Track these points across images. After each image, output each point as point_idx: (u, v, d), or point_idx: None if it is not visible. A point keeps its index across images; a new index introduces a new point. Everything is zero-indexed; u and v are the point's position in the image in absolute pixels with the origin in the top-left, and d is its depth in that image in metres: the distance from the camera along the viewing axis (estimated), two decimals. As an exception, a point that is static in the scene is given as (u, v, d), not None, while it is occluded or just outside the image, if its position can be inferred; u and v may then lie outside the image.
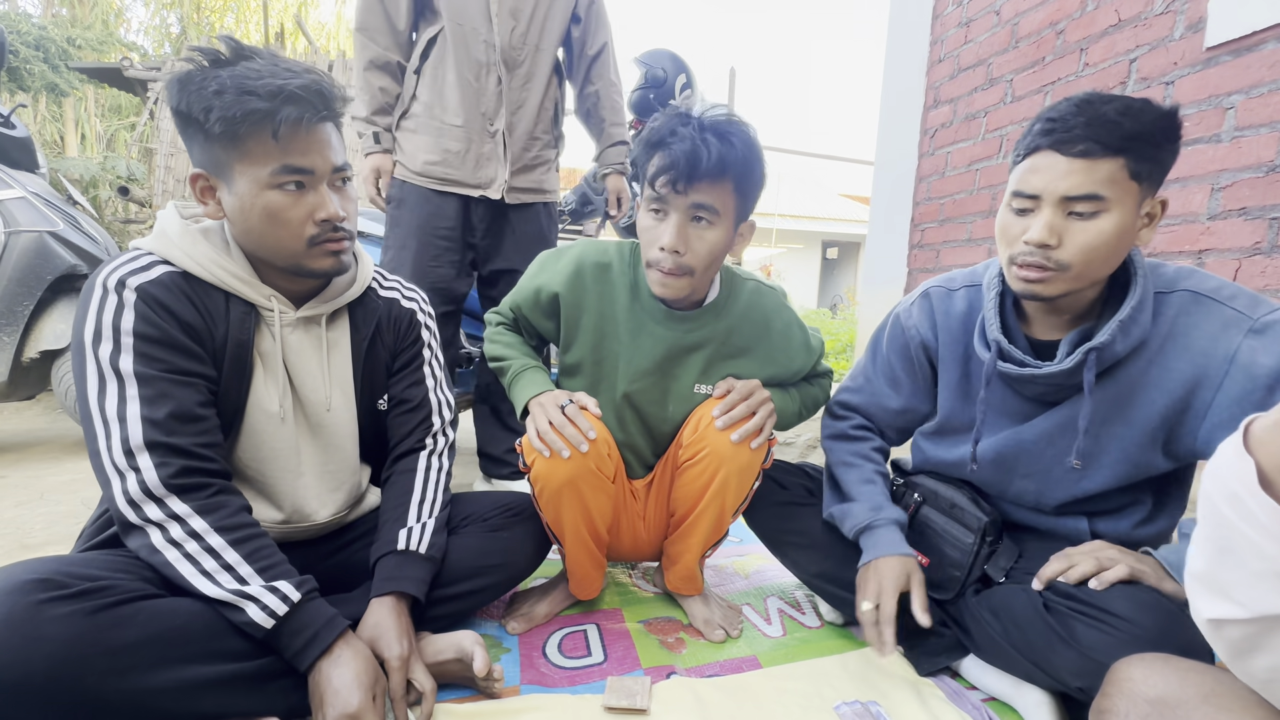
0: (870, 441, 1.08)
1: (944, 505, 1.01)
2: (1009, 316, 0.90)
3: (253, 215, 0.77)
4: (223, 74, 0.72)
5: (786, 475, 1.14)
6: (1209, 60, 1.54)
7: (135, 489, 0.70)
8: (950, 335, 0.97)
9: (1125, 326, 0.79)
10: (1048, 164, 0.77)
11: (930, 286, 1.00)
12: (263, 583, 0.72)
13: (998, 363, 0.88)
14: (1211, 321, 0.77)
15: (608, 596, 1.18)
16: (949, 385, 0.99)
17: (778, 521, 1.10)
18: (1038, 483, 0.93)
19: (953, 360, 0.98)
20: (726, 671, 0.96)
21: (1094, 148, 0.74)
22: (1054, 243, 0.77)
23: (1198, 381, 0.78)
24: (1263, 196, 1.42)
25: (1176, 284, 0.81)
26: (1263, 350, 0.74)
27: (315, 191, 0.78)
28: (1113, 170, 0.74)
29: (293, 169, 0.75)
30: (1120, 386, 0.83)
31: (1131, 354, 0.82)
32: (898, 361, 1.04)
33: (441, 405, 1.03)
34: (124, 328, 0.73)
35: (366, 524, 0.99)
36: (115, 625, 0.63)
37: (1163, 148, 0.75)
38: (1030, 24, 2.08)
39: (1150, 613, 0.74)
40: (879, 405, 1.08)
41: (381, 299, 0.98)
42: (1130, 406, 0.83)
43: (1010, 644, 0.85)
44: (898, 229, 2.70)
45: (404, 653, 0.80)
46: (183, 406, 0.74)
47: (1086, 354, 0.81)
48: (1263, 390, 0.74)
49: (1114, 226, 0.75)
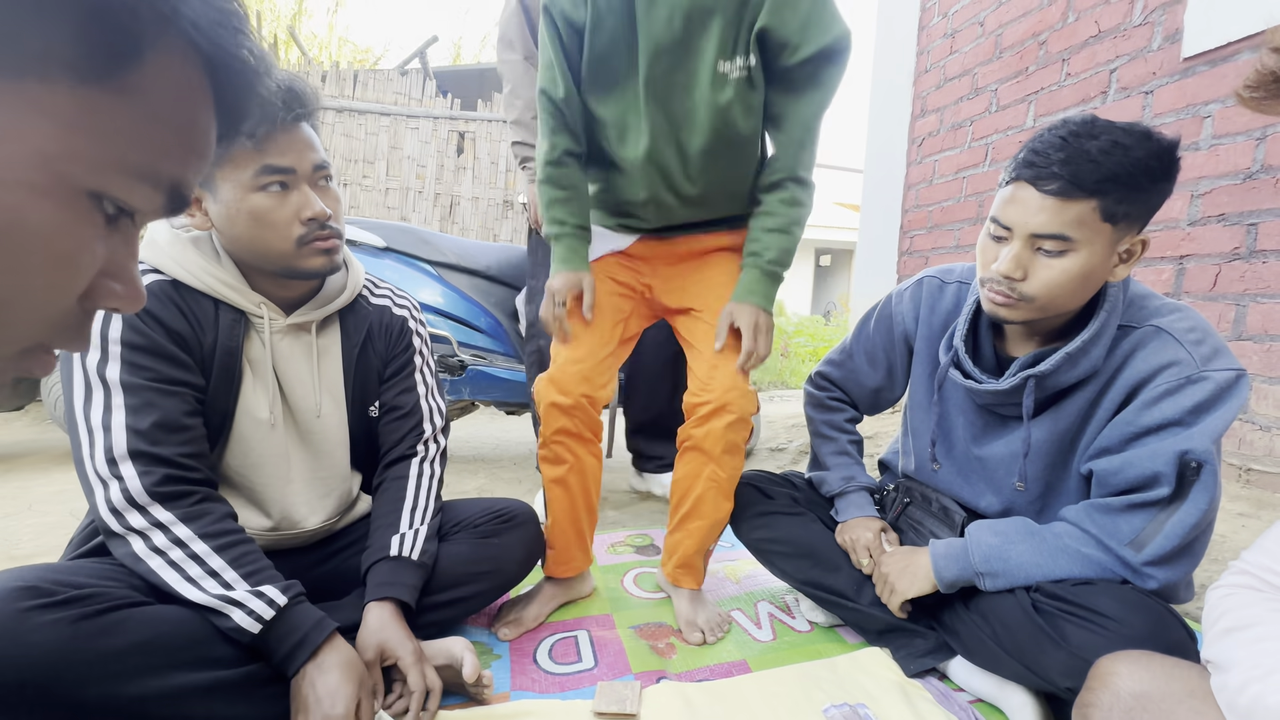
0: (844, 413, 1.16)
1: (932, 507, 1.04)
2: (983, 327, 0.93)
3: (239, 220, 0.77)
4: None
5: (772, 485, 1.16)
6: (1186, 70, 1.58)
7: (118, 497, 0.71)
8: (930, 329, 1.00)
9: (1072, 358, 0.81)
10: (1023, 197, 0.77)
11: (927, 275, 1.03)
12: (248, 588, 0.72)
13: (949, 370, 0.93)
14: (1160, 354, 0.78)
15: (598, 602, 1.19)
16: (918, 378, 1.03)
17: (764, 531, 1.11)
18: (1002, 500, 0.96)
19: (926, 355, 1.01)
20: (716, 676, 0.96)
21: (1067, 188, 0.73)
22: (1019, 276, 0.78)
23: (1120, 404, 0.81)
24: (1240, 203, 1.45)
25: (1147, 319, 0.81)
26: (1173, 401, 0.76)
27: (299, 191, 0.79)
28: (1083, 212, 0.74)
29: (273, 169, 0.76)
30: (1068, 419, 0.86)
31: (1080, 386, 0.84)
32: (880, 341, 1.08)
33: (433, 412, 1.03)
34: (111, 336, 0.74)
35: (356, 531, 0.99)
36: (101, 633, 0.63)
37: (1145, 189, 0.74)
38: (1013, 35, 2.12)
39: (1139, 612, 0.75)
40: (856, 382, 1.13)
41: (373, 306, 0.99)
42: (1076, 438, 0.87)
43: (999, 646, 0.85)
44: (887, 236, 2.73)
45: (417, 649, 0.81)
46: (168, 416, 0.75)
47: (1025, 379, 0.84)
48: (1136, 431, 0.78)
49: (1079, 267, 0.76)
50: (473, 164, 4.68)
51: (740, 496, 1.13)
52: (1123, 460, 0.79)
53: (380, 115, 4.52)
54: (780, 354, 5.54)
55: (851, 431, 1.16)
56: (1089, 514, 0.83)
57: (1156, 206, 0.78)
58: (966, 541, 0.89)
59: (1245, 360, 1.44)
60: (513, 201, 4.71)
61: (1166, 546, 0.76)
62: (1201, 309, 1.53)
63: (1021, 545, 0.85)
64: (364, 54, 9.69)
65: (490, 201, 4.71)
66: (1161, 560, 0.77)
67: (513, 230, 4.72)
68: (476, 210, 4.69)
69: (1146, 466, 0.77)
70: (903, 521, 1.07)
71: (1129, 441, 0.80)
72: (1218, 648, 0.55)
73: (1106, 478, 0.82)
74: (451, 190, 4.66)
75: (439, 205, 4.65)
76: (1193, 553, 0.78)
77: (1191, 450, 0.74)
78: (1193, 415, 0.75)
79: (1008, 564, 0.85)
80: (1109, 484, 0.81)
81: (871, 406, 1.16)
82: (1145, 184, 0.73)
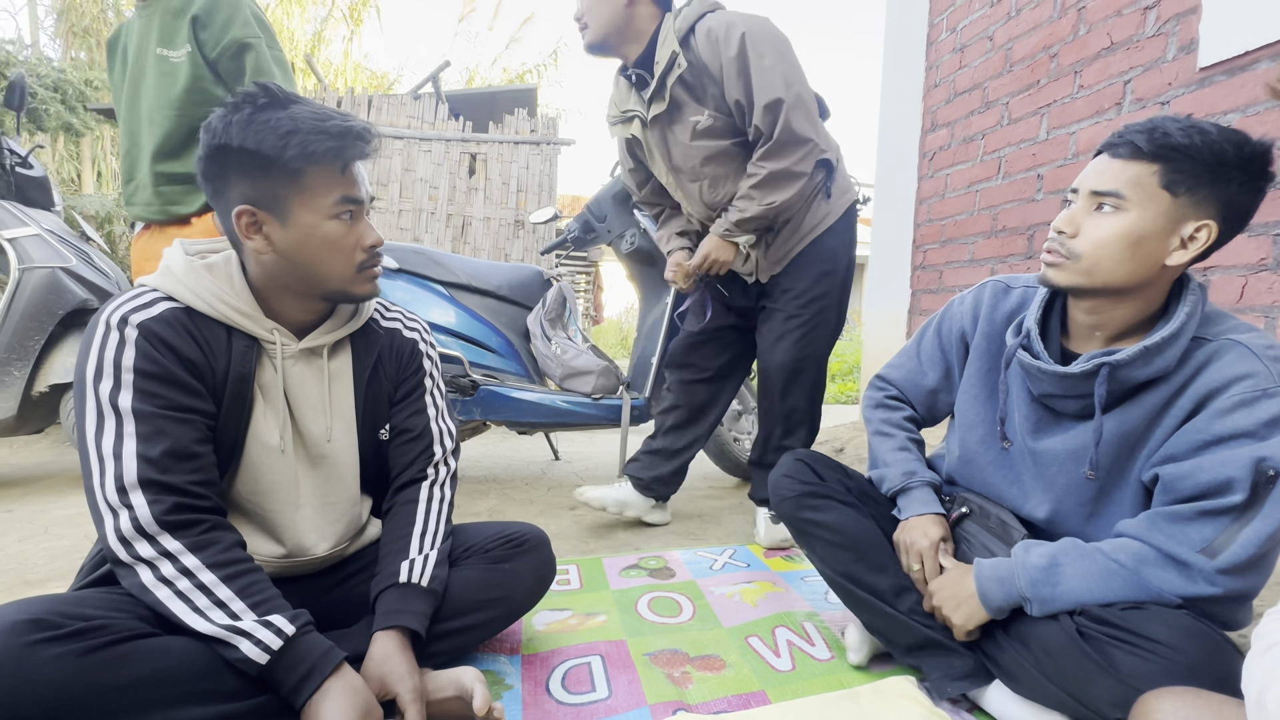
0: (903, 410, 1.14)
1: (990, 522, 0.99)
2: (1052, 323, 0.92)
3: (310, 245, 0.81)
4: (282, 115, 0.77)
5: (825, 469, 1.10)
6: (1203, 80, 1.55)
7: (127, 526, 0.70)
8: (991, 327, 0.99)
9: (1149, 353, 0.79)
10: (1095, 163, 0.82)
11: (992, 280, 1.03)
12: (256, 618, 0.71)
13: (1018, 351, 0.91)
14: (1236, 366, 0.76)
15: (611, 628, 1.16)
16: (973, 375, 1.01)
17: (812, 513, 1.05)
18: (1051, 499, 0.92)
19: (985, 351, 1.00)
20: (735, 707, 0.93)
21: (1133, 150, 0.77)
22: (1070, 231, 0.81)
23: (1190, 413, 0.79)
24: (1265, 213, 1.42)
25: (1224, 333, 0.79)
26: (1248, 413, 0.73)
27: (361, 221, 0.85)
28: (1142, 174, 0.77)
29: (350, 199, 0.82)
30: (1133, 421, 0.83)
31: (1151, 388, 0.81)
32: (940, 343, 1.09)
33: (443, 434, 1.03)
34: (125, 364, 0.74)
35: (366, 557, 0.98)
36: (108, 666, 0.62)
37: (1215, 170, 0.74)
38: (1024, 48, 2.11)
39: (1193, 639, 0.71)
40: (914, 383, 1.13)
41: (384, 330, 0.99)
42: (1138, 444, 0.84)
43: (1041, 672, 0.81)
44: (900, 251, 2.70)
45: (417, 685, 0.79)
46: (179, 444, 0.75)
47: (1099, 366, 0.81)
48: (1208, 439, 0.75)
49: (1127, 227, 0.77)
50: (484, 185, 4.74)
51: (793, 471, 1.08)
52: (1193, 465, 0.76)
53: (394, 139, 4.60)
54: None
55: (911, 429, 1.13)
56: (1154, 523, 0.79)
57: (1236, 201, 0.77)
58: (1013, 563, 0.85)
59: (1276, 374, 1.40)
60: (524, 221, 4.76)
61: (1242, 555, 0.72)
62: (1228, 321, 1.49)
63: (1071, 568, 0.81)
64: (379, 79, 9.92)
65: (502, 222, 4.76)
66: (1235, 570, 0.73)
67: (524, 250, 4.76)
68: (488, 230, 4.74)
69: (1220, 472, 0.73)
70: (957, 534, 1.02)
71: (1198, 450, 0.76)
72: (1249, 665, 0.53)
73: (1174, 483, 0.78)
74: (463, 211, 4.72)
75: (451, 226, 4.71)
76: (1264, 566, 0.74)
77: (1269, 459, 0.71)
78: (1267, 429, 0.72)
79: (1056, 588, 0.81)
80: (1176, 490, 0.78)
81: (929, 409, 1.14)
82: (1214, 165, 0.74)
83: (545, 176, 4.85)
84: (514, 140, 4.78)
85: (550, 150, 4.86)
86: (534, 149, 4.84)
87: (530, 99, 6.05)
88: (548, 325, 2.17)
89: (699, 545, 1.64)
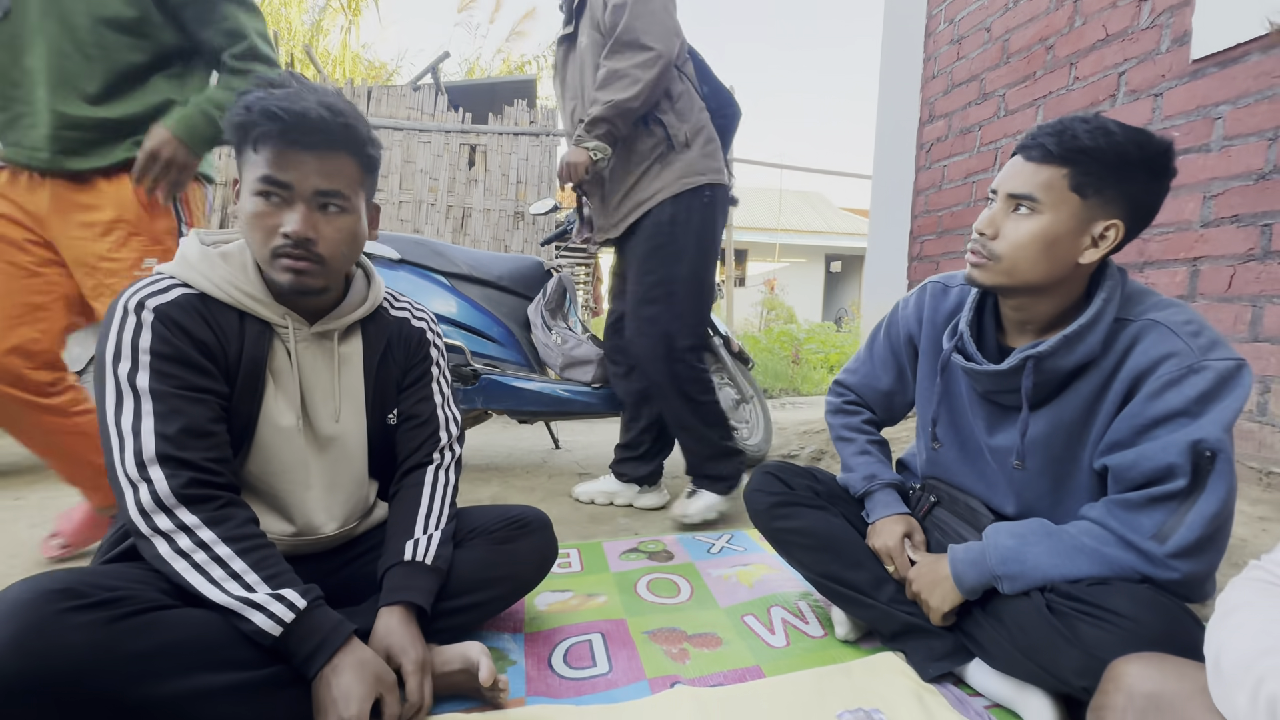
0: (861, 414, 1.18)
1: (959, 508, 1.04)
2: (987, 321, 0.95)
3: (241, 217, 0.84)
4: (264, 94, 0.80)
5: (793, 476, 1.15)
6: (1196, 72, 1.57)
7: (147, 499, 0.73)
8: (934, 329, 1.03)
9: (1069, 341, 0.83)
10: (1011, 164, 0.85)
11: (931, 281, 1.07)
12: (269, 590, 0.74)
13: (953, 355, 0.95)
14: (1158, 346, 0.79)
15: (612, 607, 1.19)
16: (923, 376, 1.06)
17: (784, 521, 1.10)
18: (1014, 493, 0.96)
19: (930, 353, 1.04)
20: (730, 681, 0.96)
21: (1043, 154, 0.80)
22: (990, 233, 0.85)
23: (1122, 399, 0.82)
24: (1254, 204, 1.44)
25: (1144, 313, 0.82)
26: (1177, 391, 0.77)
27: (292, 208, 0.81)
28: (1053, 178, 0.80)
29: (271, 180, 0.80)
30: (1071, 410, 0.87)
31: (1083, 376, 0.85)
32: (890, 346, 1.12)
33: (449, 421, 1.06)
34: (142, 346, 0.77)
35: (374, 538, 1.01)
36: (132, 634, 0.65)
37: (1120, 172, 0.78)
38: (1020, 40, 2.13)
39: (1153, 610, 0.75)
40: (869, 386, 1.16)
41: (393, 318, 1.02)
42: (1082, 432, 0.87)
43: (1015, 647, 0.85)
44: (897, 242, 2.73)
45: (420, 657, 0.82)
46: (194, 422, 0.77)
47: (1024, 360, 0.86)
48: (1145, 423, 0.79)
49: (1041, 229, 0.81)
50: (484, 176, 4.75)
51: (762, 484, 1.13)
52: (1136, 454, 0.80)
53: (393, 130, 4.60)
54: (792, 361, 5.53)
55: (870, 432, 1.17)
56: (1110, 510, 0.83)
57: (1141, 200, 0.80)
58: (984, 545, 0.89)
59: (1263, 361, 1.43)
60: (523, 213, 4.77)
61: (1190, 538, 0.76)
62: (1217, 311, 1.52)
63: (1038, 546, 0.85)
64: (378, 70, 9.88)
65: (501, 213, 4.76)
66: (1185, 552, 0.77)
67: (523, 241, 4.77)
68: (488, 222, 4.75)
69: (1160, 459, 0.77)
70: (929, 522, 1.07)
71: (1138, 434, 0.80)
72: (1210, 630, 0.57)
73: (1122, 473, 0.82)
74: (463, 202, 4.72)
75: (451, 217, 4.71)
76: (1216, 544, 0.78)
77: (1204, 440, 0.74)
78: (1198, 405, 0.76)
79: (1024, 565, 0.85)
80: (1125, 479, 0.82)
81: (886, 410, 1.18)
82: (1118, 165, 0.77)
83: (545, 168, 4.86)
84: (513, 132, 4.78)
85: (550, 142, 4.86)
86: (534, 140, 4.84)
87: (530, 90, 6.03)
88: (548, 315, 2.19)
89: (696, 531, 1.68)
